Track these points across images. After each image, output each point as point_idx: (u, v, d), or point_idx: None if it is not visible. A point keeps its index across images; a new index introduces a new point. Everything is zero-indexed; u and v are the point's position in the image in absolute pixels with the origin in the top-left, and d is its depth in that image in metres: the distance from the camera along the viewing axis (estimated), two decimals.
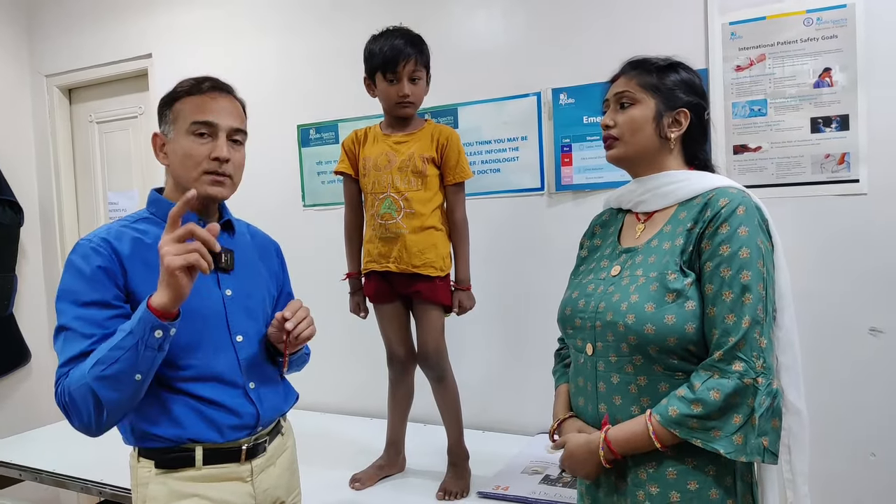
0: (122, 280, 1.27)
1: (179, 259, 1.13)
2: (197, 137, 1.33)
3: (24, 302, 3.64)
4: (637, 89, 1.27)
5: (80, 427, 1.23)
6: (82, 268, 1.25)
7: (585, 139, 2.42)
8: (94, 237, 1.30)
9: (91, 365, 1.17)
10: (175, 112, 1.36)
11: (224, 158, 1.33)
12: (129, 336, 1.16)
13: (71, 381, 1.19)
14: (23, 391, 3.66)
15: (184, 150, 1.34)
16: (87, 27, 3.54)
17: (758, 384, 1.11)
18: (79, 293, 1.24)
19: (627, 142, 1.28)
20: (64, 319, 1.24)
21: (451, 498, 2.02)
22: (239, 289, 1.40)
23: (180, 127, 1.34)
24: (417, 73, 2.00)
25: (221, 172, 1.34)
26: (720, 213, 1.17)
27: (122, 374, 1.17)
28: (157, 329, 1.16)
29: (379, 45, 2.00)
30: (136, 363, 1.17)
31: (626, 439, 1.18)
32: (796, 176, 2.12)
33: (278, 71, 3.03)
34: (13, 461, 2.51)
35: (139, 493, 1.33)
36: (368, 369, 2.53)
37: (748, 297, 1.12)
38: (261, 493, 1.39)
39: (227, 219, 1.47)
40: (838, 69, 2.05)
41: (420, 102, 2.06)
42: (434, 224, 2.05)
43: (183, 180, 1.35)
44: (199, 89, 1.37)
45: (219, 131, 1.34)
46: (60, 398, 1.21)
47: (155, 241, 1.29)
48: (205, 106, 1.35)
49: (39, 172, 3.76)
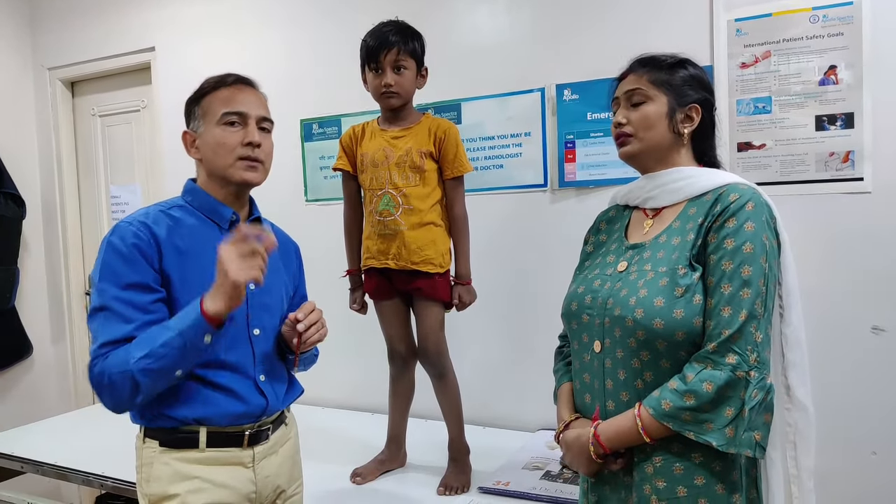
0: (159, 263, 1.32)
1: (245, 273, 1.22)
2: (228, 126, 1.39)
3: (25, 295, 3.64)
4: (649, 86, 1.28)
5: (111, 406, 1.29)
6: (122, 249, 1.29)
7: (589, 135, 2.41)
8: (133, 220, 1.34)
9: (138, 357, 1.22)
10: (204, 107, 1.42)
11: (256, 143, 1.40)
12: (179, 337, 1.23)
13: (111, 366, 1.23)
14: (24, 384, 3.66)
15: (216, 140, 1.39)
16: (90, 20, 3.53)
17: (750, 377, 1.11)
18: (119, 274, 1.28)
19: (642, 138, 1.28)
20: (104, 299, 1.28)
21: (452, 493, 2.02)
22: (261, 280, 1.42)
23: (211, 119, 1.40)
24: (402, 62, 1.99)
25: (255, 158, 1.40)
26: (729, 207, 1.17)
27: (165, 370, 1.24)
28: (207, 334, 1.25)
29: (367, 37, 2.02)
30: (180, 362, 1.25)
31: (615, 434, 1.19)
32: (800, 174, 2.11)
33: (281, 65, 3.03)
34: (15, 453, 2.51)
35: (143, 472, 1.37)
36: (370, 365, 2.53)
37: (747, 291, 1.13)
38: (261, 480, 1.42)
39: (257, 216, 1.52)
40: (844, 67, 2.04)
41: (407, 93, 2.04)
42: (433, 220, 2.05)
43: (219, 169, 1.40)
44: (225, 83, 1.43)
45: (248, 119, 1.41)
46: (98, 378, 1.25)
47: (187, 229, 1.37)
48: (233, 97, 1.41)
49: (42, 165, 3.76)
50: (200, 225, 1.40)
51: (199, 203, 1.43)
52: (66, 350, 3.76)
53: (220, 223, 1.42)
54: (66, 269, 3.74)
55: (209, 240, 1.37)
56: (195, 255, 1.35)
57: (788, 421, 1.22)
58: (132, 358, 1.22)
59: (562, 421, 1.33)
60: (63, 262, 3.74)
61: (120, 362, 1.23)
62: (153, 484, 1.35)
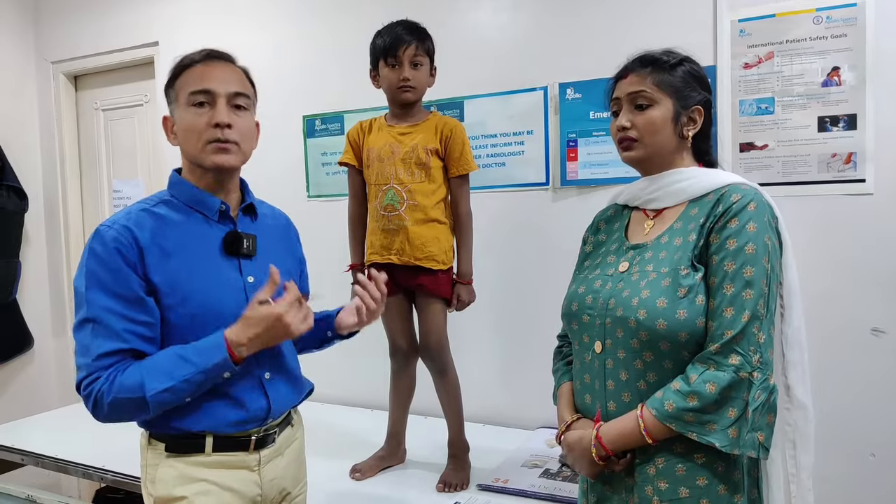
0: (142, 269, 1.26)
1: (305, 325, 1.27)
2: (196, 108, 1.30)
3: (27, 288, 3.65)
4: (654, 89, 1.25)
5: (102, 420, 1.26)
6: (104, 257, 1.24)
7: (591, 134, 2.41)
8: (113, 223, 1.27)
9: (159, 389, 1.21)
10: (176, 89, 1.34)
11: (224, 123, 1.29)
12: (201, 374, 1.23)
13: (120, 389, 1.21)
14: (25, 377, 3.67)
15: (185, 124, 1.31)
16: (94, 14, 3.53)
17: (753, 378, 1.11)
18: (105, 283, 1.23)
19: (647, 144, 1.26)
20: (92, 311, 1.23)
21: (451, 490, 2.03)
22: (261, 275, 1.37)
23: (181, 102, 1.33)
24: (419, 58, 2.01)
25: (224, 139, 1.30)
26: (731, 207, 1.17)
27: (180, 399, 1.25)
28: (227, 372, 1.25)
29: (381, 35, 2.04)
30: (195, 392, 1.26)
31: (618, 435, 1.19)
32: (802, 175, 2.11)
33: (285, 61, 3.03)
34: (15, 446, 2.52)
35: (148, 473, 1.34)
36: (370, 361, 2.53)
37: (749, 292, 1.12)
38: (267, 483, 1.39)
39: (250, 202, 1.44)
40: (847, 68, 2.04)
41: (422, 89, 2.06)
42: (437, 217, 2.05)
43: (191, 155, 1.33)
44: (194, 60, 1.35)
45: (217, 98, 1.30)
46: (97, 396, 1.22)
47: (173, 227, 1.31)
48: (202, 75, 1.32)
49: (44, 159, 3.76)
50: (187, 220, 1.33)
51: (184, 196, 1.35)
52: (66, 343, 3.76)
53: (209, 214, 1.35)
54: (67, 263, 3.74)
55: (197, 235, 1.33)
56: (183, 253, 1.30)
57: (788, 420, 1.23)
58: (149, 389, 1.20)
59: (563, 421, 1.32)
60: (65, 255, 3.74)
61: (131, 387, 1.20)
62: (159, 486, 1.32)
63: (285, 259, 1.49)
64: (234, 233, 1.36)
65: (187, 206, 1.35)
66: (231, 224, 1.38)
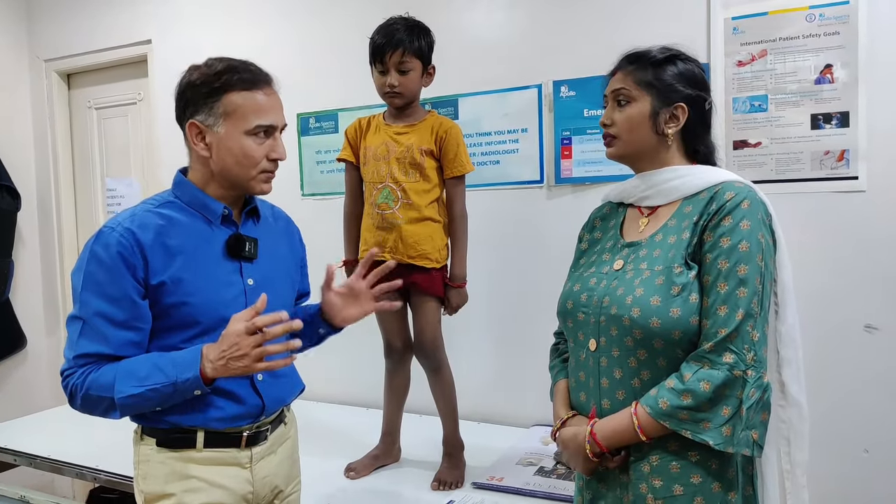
0: (143, 273, 1.27)
1: (262, 364, 1.22)
2: (255, 137, 1.32)
3: (20, 288, 3.63)
4: (633, 87, 1.26)
5: (81, 412, 1.30)
6: (105, 260, 1.25)
7: (586, 132, 2.41)
8: (117, 225, 1.28)
9: (126, 393, 1.22)
10: (227, 106, 1.30)
11: (283, 159, 1.36)
12: (171, 386, 1.23)
13: (92, 386, 1.24)
14: (18, 377, 3.66)
15: (243, 151, 1.31)
16: (87, 12, 3.51)
17: (747, 376, 1.11)
18: (102, 285, 1.25)
19: (626, 140, 1.27)
20: (84, 311, 1.26)
21: (446, 488, 2.03)
22: (261, 278, 1.39)
23: (238, 126, 1.30)
24: (406, 63, 1.98)
25: (274, 169, 1.37)
26: (725, 205, 1.17)
27: (147, 406, 1.26)
28: (197, 389, 1.25)
29: (375, 35, 2.01)
30: (164, 403, 1.27)
31: (612, 432, 1.19)
32: (795, 172, 2.12)
33: (278, 58, 2.99)
34: (8, 446, 2.51)
35: (140, 469, 1.36)
36: (365, 359, 2.53)
37: (743, 290, 1.13)
38: (259, 480, 1.40)
39: (254, 206, 1.45)
40: (839, 66, 2.05)
41: (411, 93, 2.04)
42: (431, 216, 2.05)
43: (237, 178, 1.34)
44: (255, 84, 1.33)
45: (276, 131, 1.35)
46: (73, 390, 1.26)
47: (179, 227, 1.32)
48: (264, 106, 1.32)
49: (37, 158, 3.74)
50: (191, 221, 1.34)
51: (187, 198, 1.35)
52: (60, 343, 3.74)
53: (211, 218, 1.36)
54: (60, 262, 3.73)
55: (200, 237, 1.34)
56: (186, 254, 1.31)
57: (782, 417, 1.23)
58: (118, 392, 1.22)
59: (558, 418, 1.33)
60: (58, 254, 3.73)
61: (102, 386, 1.23)
62: (150, 482, 1.34)
63: (286, 260, 1.51)
64: (236, 236, 1.37)
65: (190, 208, 1.36)
66: (233, 227, 1.39)
